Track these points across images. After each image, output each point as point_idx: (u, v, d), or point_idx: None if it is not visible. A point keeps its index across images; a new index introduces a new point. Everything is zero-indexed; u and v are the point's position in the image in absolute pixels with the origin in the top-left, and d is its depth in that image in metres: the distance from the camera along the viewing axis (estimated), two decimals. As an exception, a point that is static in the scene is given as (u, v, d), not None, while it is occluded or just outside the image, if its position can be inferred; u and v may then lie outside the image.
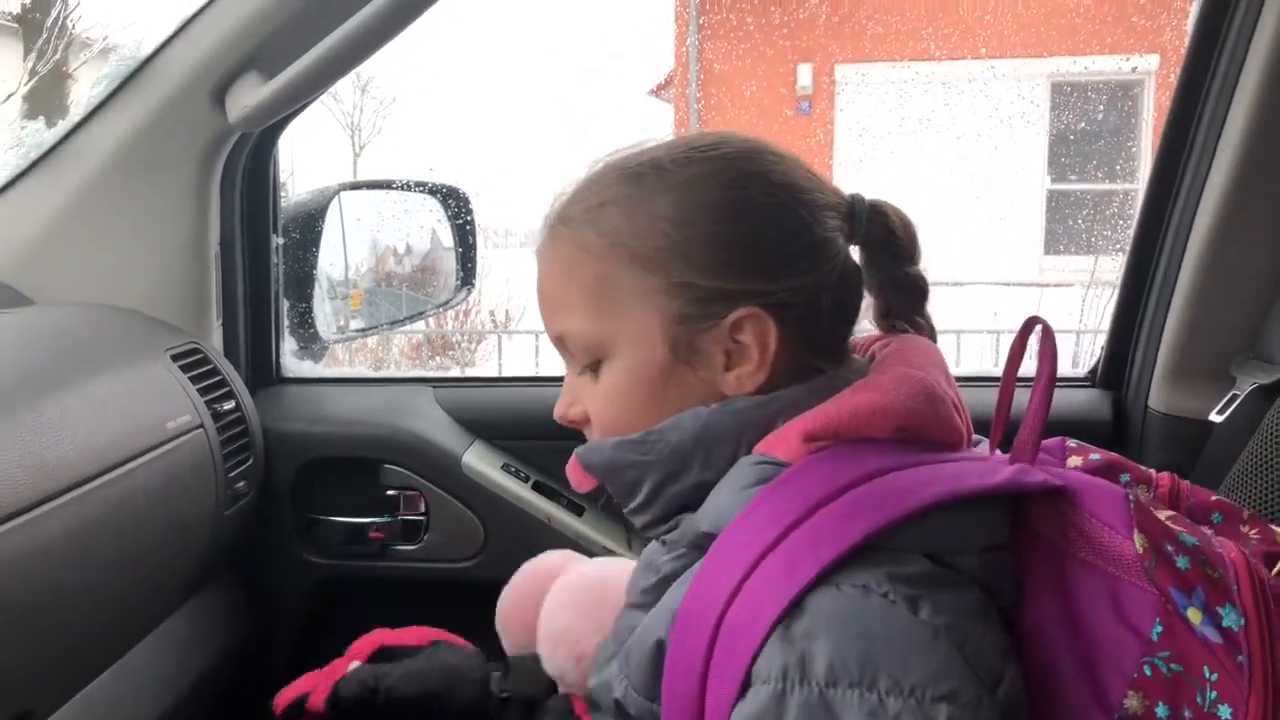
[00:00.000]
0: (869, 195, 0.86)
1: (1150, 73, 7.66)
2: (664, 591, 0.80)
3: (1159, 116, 7.40)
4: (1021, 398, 0.79)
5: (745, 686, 0.67)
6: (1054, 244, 8.12)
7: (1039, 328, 0.81)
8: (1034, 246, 8.11)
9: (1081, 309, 3.70)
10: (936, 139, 7.33)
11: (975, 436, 0.88)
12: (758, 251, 0.78)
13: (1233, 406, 1.35)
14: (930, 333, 0.90)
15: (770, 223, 0.78)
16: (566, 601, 1.10)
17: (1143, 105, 7.95)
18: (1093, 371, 1.59)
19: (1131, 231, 1.53)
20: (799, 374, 0.80)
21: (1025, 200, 8.00)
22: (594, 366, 0.82)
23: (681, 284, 0.77)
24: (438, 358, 5.66)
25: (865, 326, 0.89)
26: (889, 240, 0.85)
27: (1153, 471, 0.86)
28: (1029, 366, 0.81)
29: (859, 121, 8.00)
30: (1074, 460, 0.87)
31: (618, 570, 1.04)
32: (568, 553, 1.26)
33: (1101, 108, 8.02)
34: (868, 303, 0.88)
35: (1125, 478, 0.85)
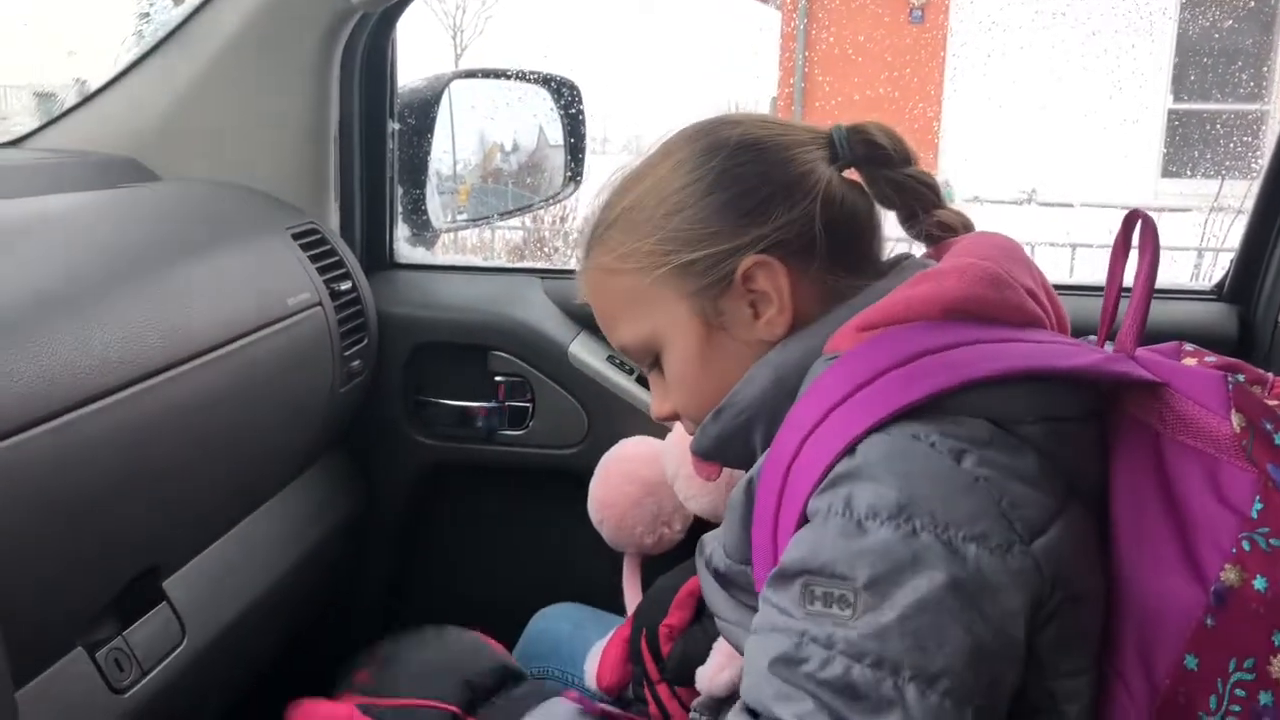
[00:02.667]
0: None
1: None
2: None
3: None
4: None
5: (803, 523, 0.74)
6: (1171, 166, 7.79)
7: (1140, 222, 0.82)
8: (1150, 169, 7.79)
9: (1203, 232, 3.54)
10: (1048, 55, 7.04)
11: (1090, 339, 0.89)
12: (739, 208, 0.85)
13: (1372, 326, 1.29)
14: (963, 223, 0.92)
15: (742, 180, 0.85)
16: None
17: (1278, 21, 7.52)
18: (1219, 285, 1.53)
19: (1271, 147, 1.46)
20: (836, 296, 0.85)
21: (1143, 119, 7.66)
22: (658, 363, 0.91)
23: (686, 263, 0.85)
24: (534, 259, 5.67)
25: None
26: (876, 153, 0.89)
27: (1270, 375, 0.84)
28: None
29: (972, 31, 7.71)
30: (1189, 362, 0.85)
31: None
32: (647, 439, 1.34)
33: (1234, 23, 7.60)
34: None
35: (1240, 378, 0.84)
